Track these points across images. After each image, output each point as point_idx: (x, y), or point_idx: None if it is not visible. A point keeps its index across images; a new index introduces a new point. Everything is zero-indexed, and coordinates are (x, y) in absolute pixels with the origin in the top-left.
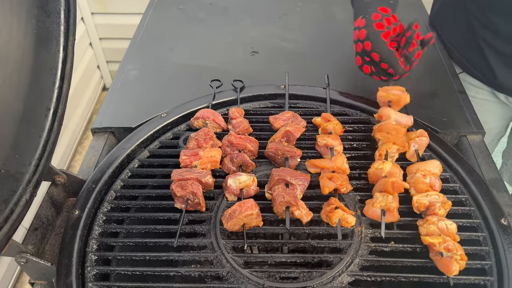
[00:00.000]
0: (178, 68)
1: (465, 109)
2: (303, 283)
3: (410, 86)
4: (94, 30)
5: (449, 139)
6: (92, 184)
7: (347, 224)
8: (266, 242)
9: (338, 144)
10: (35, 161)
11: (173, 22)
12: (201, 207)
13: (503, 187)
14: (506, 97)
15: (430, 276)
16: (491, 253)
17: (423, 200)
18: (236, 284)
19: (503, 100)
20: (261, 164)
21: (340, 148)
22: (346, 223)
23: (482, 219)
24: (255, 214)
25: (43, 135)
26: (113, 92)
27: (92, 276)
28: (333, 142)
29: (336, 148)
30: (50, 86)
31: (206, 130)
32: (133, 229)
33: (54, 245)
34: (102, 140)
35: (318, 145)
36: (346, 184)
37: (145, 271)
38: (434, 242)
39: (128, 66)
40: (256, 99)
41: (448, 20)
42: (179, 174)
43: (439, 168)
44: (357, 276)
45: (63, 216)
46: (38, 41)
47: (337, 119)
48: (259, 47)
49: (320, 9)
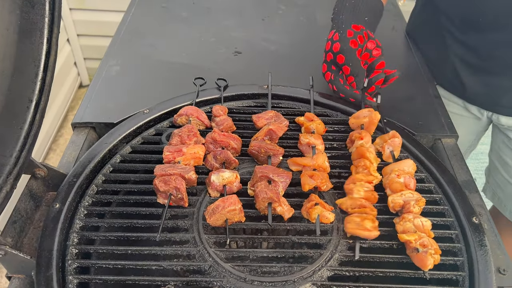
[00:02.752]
0: (160, 65)
1: (440, 114)
2: (284, 277)
3: (387, 90)
4: (72, 26)
5: (425, 142)
6: (73, 178)
7: (326, 220)
8: (248, 237)
9: (320, 143)
10: (16, 153)
11: (156, 20)
12: (184, 202)
13: (475, 188)
14: (479, 110)
15: (407, 271)
16: (463, 249)
17: (397, 199)
18: (218, 278)
19: (475, 113)
20: (243, 161)
21: (321, 147)
22: (326, 219)
23: (455, 218)
24: (237, 210)
25: (25, 127)
26: (95, 87)
27: (72, 270)
28: (315, 141)
29: (318, 147)
30: (33, 78)
31: (190, 126)
32: (114, 223)
33: (32, 239)
34: (82, 135)
35: (301, 143)
36: (326, 182)
37: (126, 264)
38: (410, 239)
39: (110, 62)
40: (239, 98)
41: (422, 33)
42: (162, 170)
43: (413, 167)
44: (336, 271)
45: (42, 210)
46: (22, 32)
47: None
48: (242, 48)
49: (302, 13)
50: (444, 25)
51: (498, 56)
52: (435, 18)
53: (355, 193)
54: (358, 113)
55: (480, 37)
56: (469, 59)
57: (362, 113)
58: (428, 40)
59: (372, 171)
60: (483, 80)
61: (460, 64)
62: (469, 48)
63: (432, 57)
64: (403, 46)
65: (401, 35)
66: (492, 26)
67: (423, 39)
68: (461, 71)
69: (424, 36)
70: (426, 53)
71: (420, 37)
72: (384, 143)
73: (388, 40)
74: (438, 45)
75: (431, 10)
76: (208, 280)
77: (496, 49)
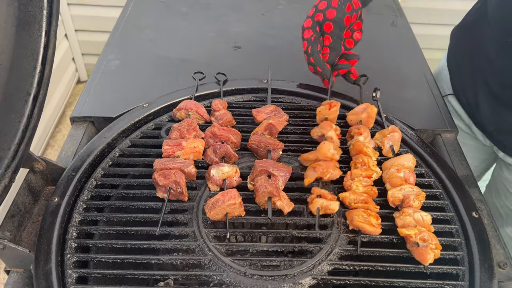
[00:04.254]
0: (159, 60)
1: (440, 109)
2: (284, 271)
3: (387, 86)
4: (70, 21)
5: (424, 137)
6: (72, 171)
7: (330, 210)
8: (248, 231)
9: (328, 130)
10: (14, 146)
11: (155, 15)
12: (183, 196)
13: (474, 183)
14: (484, 137)
15: (407, 266)
16: (463, 244)
17: (397, 194)
18: (218, 272)
19: (480, 139)
20: (243, 156)
21: (331, 134)
22: (329, 209)
23: (455, 212)
24: (237, 204)
25: (23, 120)
26: (93, 81)
27: (71, 263)
28: (324, 129)
29: (328, 134)
30: (31, 71)
31: (190, 120)
32: (114, 217)
33: (31, 233)
34: (81, 129)
35: (313, 135)
36: (330, 170)
37: (126, 259)
38: (410, 233)
39: (109, 56)
40: (239, 92)
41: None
42: (161, 164)
43: (413, 162)
44: (336, 265)
45: (40, 204)
46: (20, 25)
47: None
48: (242, 43)
49: (302, 8)
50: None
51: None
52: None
53: (354, 189)
54: (356, 109)
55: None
56: (492, 85)
57: (359, 109)
58: (462, 54)
59: (371, 166)
60: (497, 109)
61: (482, 85)
62: (497, 74)
63: (457, 66)
64: (404, 42)
65: (402, 31)
66: None
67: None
68: (480, 92)
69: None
70: (456, 61)
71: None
72: (384, 137)
73: (389, 35)
74: (467, 58)
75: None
76: (208, 274)
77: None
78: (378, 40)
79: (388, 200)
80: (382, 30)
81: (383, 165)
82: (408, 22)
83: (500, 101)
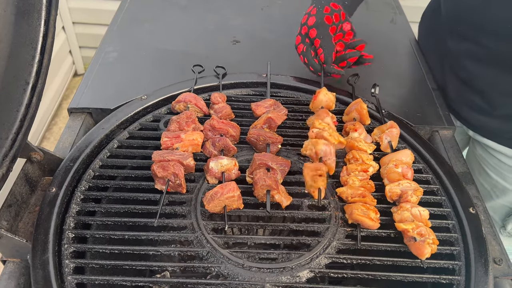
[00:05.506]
0: (158, 52)
1: (438, 106)
2: (282, 263)
3: (386, 83)
4: (67, 13)
5: (422, 133)
6: (70, 162)
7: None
8: (246, 224)
9: (319, 123)
10: (12, 135)
11: (154, 7)
12: (182, 188)
13: (471, 180)
14: (454, 118)
15: (404, 260)
16: (460, 239)
17: (395, 189)
18: (216, 264)
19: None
20: (242, 149)
21: (323, 126)
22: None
23: (452, 208)
24: (236, 197)
25: (21, 109)
26: (92, 72)
27: (69, 254)
28: (314, 122)
29: (316, 126)
30: (30, 60)
31: (189, 113)
32: (112, 208)
33: (27, 223)
34: (79, 121)
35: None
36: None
37: (124, 249)
38: (408, 228)
39: (107, 48)
40: (238, 86)
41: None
42: (160, 156)
43: (411, 157)
44: (333, 258)
45: (37, 195)
46: (19, 13)
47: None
48: (241, 37)
49: (301, 3)
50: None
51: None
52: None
53: (351, 184)
54: (348, 108)
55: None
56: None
57: (350, 108)
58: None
59: (365, 160)
60: (461, 88)
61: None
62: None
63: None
64: (403, 39)
65: (400, 28)
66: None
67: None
68: (446, 74)
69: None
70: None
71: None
72: (382, 133)
73: (388, 32)
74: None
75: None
76: (206, 266)
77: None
78: (376, 37)
79: (386, 195)
80: (381, 27)
81: (381, 160)
82: (407, 20)
83: (463, 82)
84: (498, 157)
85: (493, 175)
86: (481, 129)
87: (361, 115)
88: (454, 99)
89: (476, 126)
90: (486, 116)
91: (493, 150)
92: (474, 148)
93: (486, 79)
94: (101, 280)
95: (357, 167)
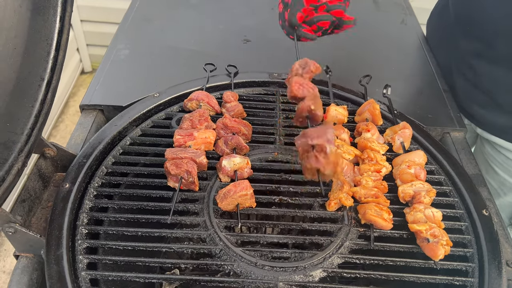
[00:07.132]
0: (169, 51)
1: (449, 107)
2: (295, 263)
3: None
4: (76, 11)
5: (434, 135)
6: (83, 158)
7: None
8: (259, 222)
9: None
10: (27, 131)
11: (165, 6)
12: (194, 186)
13: (483, 182)
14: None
15: (417, 261)
16: (473, 241)
17: (408, 190)
18: (229, 262)
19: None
20: (253, 148)
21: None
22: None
23: (465, 210)
24: (249, 195)
25: (36, 105)
26: (103, 70)
27: (82, 249)
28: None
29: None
30: (45, 56)
31: (201, 111)
32: (124, 205)
33: (40, 219)
34: (90, 118)
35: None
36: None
37: (136, 246)
38: (421, 229)
39: (118, 46)
40: (249, 85)
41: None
42: (173, 153)
43: (424, 158)
44: (346, 258)
45: (50, 190)
46: (35, 9)
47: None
48: (252, 36)
49: None
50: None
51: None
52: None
53: (364, 184)
54: (360, 109)
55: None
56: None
57: (363, 109)
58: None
59: (379, 160)
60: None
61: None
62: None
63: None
64: (414, 40)
65: (411, 29)
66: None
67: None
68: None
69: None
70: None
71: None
72: (395, 134)
73: (399, 33)
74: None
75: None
76: (219, 263)
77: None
78: (387, 38)
79: (399, 196)
80: (392, 28)
81: (394, 161)
82: (418, 22)
83: (471, 80)
84: (506, 154)
85: (501, 172)
86: (489, 126)
87: (373, 116)
88: (461, 97)
89: (484, 123)
90: (494, 113)
91: (500, 147)
92: (482, 146)
93: (494, 77)
94: (115, 276)
95: (370, 167)
